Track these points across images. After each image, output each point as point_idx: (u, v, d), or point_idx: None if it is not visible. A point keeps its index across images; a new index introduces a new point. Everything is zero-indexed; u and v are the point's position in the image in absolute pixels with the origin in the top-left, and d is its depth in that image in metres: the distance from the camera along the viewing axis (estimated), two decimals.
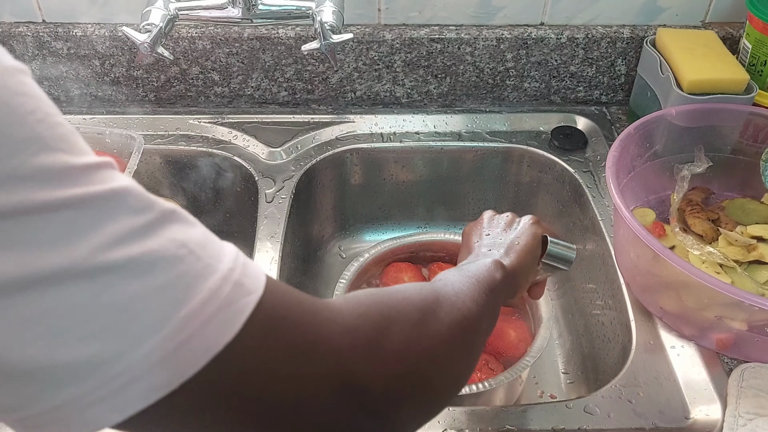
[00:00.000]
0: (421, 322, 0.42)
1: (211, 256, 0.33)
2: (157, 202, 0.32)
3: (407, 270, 0.86)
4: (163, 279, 0.30)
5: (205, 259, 0.32)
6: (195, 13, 0.82)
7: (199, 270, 0.32)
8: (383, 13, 0.95)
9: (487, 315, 0.50)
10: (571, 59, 0.98)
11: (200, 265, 0.32)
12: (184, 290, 0.31)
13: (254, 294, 0.33)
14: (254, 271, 0.35)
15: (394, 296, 0.43)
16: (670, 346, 0.71)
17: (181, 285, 0.31)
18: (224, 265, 0.33)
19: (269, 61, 0.97)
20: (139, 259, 0.30)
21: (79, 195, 0.29)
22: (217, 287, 0.32)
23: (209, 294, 0.31)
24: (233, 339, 0.32)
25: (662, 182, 0.84)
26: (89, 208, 0.29)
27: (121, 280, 0.29)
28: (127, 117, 0.99)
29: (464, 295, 0.47)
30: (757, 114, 0.83)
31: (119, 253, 0.29)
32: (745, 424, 0.62)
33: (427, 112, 1.01)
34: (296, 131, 0.98)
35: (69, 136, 0.30)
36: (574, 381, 0.85)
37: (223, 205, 0.99)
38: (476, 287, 0.50)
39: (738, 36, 0.95)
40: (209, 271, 0.32)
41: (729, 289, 0.61)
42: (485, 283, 0.52)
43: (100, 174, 0.30)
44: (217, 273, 0.32)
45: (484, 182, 1.00)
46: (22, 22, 0.96)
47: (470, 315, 0.46)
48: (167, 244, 0.31)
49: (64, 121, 0.31)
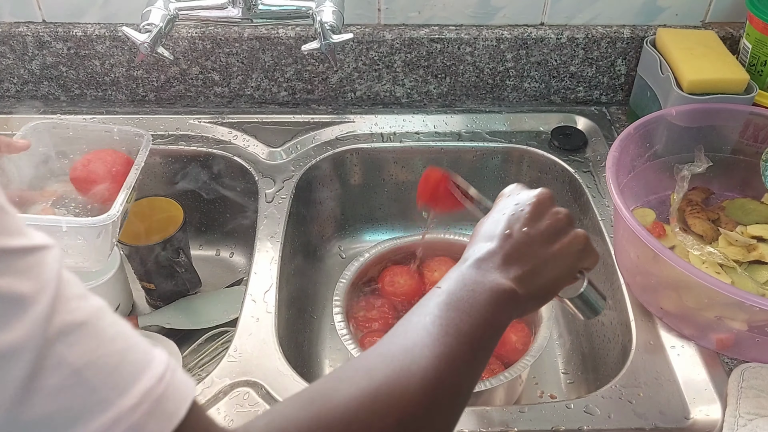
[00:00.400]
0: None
1: (114, 386, 0.28)
2: (64, 311, 0.27)
3: (404, 273, 0.85)
4: (36, 413, 0.26)
5: (101, 392, 0.27)
6: (195, 13, 0.82)
7: (88, 406, 0.27)
8: (383, 13, 0.95)
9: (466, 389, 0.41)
10: (571, 59, 0.98)
11: (92, 400, 0.27)
12: (60, 429, 0.26)
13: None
14: (171, 406, 0.29)
15: (328, 420, 0.35)
16: (670, 346, 0.71)
17: (57, 425, 0.26)
18: (127, 400, 0.28)
19: (269, 61, 0.97)
20: (15, 384, 0.26)
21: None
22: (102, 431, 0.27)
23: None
24: None
25: (662, 182, 0.84)
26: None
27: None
28: (127, 117, 0.99)
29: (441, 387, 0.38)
30: (757, 114, 0.82)
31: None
32: (745, 424, 0.62)
33: (427, 112, 1.01)
34: (296, 131, 0.98)
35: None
36: (574, 381, 0.85)
37: (223, 205, 0.99)
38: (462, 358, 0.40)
39: (738, 36, 0.95)
40: (101, 408, 0.27)
41: (729, 289, 0.61)
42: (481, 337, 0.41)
43: (19, 262, 0.27)
44: (110, 410, 0.27)
45: (484, 182, 1.00)
46: (22, 22, 0.96)
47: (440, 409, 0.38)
48: (55, 369, 0.26)
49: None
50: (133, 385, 0.28)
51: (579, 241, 0.49)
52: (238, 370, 0.68)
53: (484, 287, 0.43)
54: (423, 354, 0.39)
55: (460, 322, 0.41)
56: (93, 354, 0.28)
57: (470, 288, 0.43)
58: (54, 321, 0.27)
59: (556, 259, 0.47)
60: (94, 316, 0.29)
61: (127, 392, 0.28)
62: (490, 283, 0.44)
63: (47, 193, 0.81)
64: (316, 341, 0.90)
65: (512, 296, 0.44)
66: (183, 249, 0.86)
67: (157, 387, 0.29)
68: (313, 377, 0.84)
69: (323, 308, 0.94)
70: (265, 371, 0.68)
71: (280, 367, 0.69)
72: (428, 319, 0.41)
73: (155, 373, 0.29)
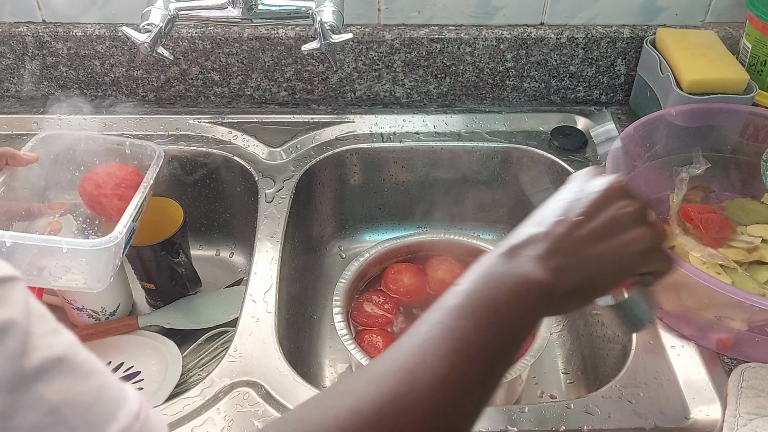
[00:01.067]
0: None
1: (90, 425, 0.27)
2: (43, 345, 0.27)
3: (407, 271, 0.85)
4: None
5: (79, 430, 0.27)
6: (195, 13, 0.82)
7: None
8: (383, 13, 0.95)
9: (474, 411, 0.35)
10: (571, 59, 0.98)
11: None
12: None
13: None
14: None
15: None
16: (670, 346, 0.71)
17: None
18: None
19: (269, 61, 0.97)
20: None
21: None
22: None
23: None
24: None
25: (662, 182, 0.84)
26: None
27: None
28: (128, 117, 0.99)
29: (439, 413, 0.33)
30: (757, 114, 0.82)
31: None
32: (745, 424, 0.62)
33: (427, 112, 1.01)
34: (296, 131, 0.98)
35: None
36: (574, 381, 0.85)
37: (223, 205, 0.99)
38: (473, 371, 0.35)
39: (738, 36, 0.95)
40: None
41: (729, 289, 0.61)
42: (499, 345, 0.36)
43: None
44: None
45: (484, 182, 1.00)
46: (22, 22, 0.96)
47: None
48: (33, 407, 0.26)
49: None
50: (110, 424, 0.28)
51: (645, 239, 0.41)
52: (238, 370, 0.68)
53: (511, 282, 0.38)
54: (424, 379, 0.33)
55: (475, 335, 0.36)
56: (70, 391, 0.27)
57: (494, 286, 0.38)
58: (31, 357, 0.26)
59: (609, 255, 0.39)
60: (71, 351, 0.28)
61: (104, 429, 0.28)
62: (521, 275, 0.38)
63: (55, 206, 0.81)
64: (316, 341, 0.90)
65: (547, 291, 0.38)
66: (183, 249, 0.86)
67: (133, 425, 0.29)
68: (313, 377, 0.84)
69: (323, 308, 0.94)
70: (265, 371, 0.68)
71: (280, 367, 0.69)
72: (437, 331, 0.36)
73: (130, 411, 0.29)
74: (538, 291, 0.37)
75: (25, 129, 0.97)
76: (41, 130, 0.83)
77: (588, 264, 0.39)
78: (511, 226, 1.05)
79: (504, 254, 0.39)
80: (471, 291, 0.38)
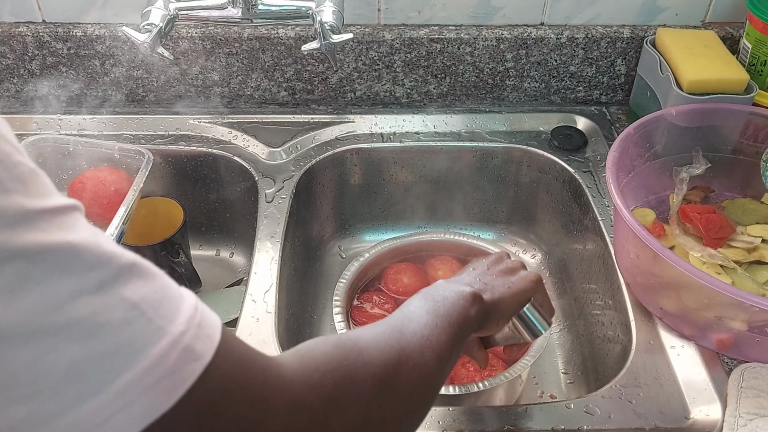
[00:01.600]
0: (377, 394, 0.40)
1: (164, 316, 0.32)
2: (115, 255, 0.31)
3: (406, 271, 0.86)
4: (107, 344, 0.29)
5: (156, 321, 0.31)
6: (195, 13, 0.82)
7: (148, 334, 0.31)
8: (383, 13, 0.95)
9: (450, 364, 0.48)
10: (571, 59, 0.98)
11: (150, 329, 0.31)
12: (127, 357, 0.30)
13: (202, 360, 0.32)
14: (209, 330, 0.34)
15: (353, 361, 0.40)
16: (670, 346, 0.71)
17: (126, 351, 0.30)
18: (176, 326, 0.32)
19: (269, 61, 0.97)
20: (85, 321, 0.29)
21: (32, 245, 0.28)
22: (164, 354, 0.31)
23: (154, 361, 0.30)
24: (171, 409, 0.31)
25: (662, 182, 0.84)
26: (41, 261, 0.28)
27: (63, 343, 0.28)
28: (128, 117, 0.99)
29: (430, 351, 0.45)
30: (757, 114, 0.82)
31: (64, 315, 0.28)
32: (745, 424, 0.62)
33: (427, 112, 1.01)
34: (296, 131, 0.98)
35: (28, 176, 0.29)
36: (574, 381, 0.85)
37: (223, 205, 0.99)
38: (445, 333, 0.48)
39: (738, 36, 0.95)
40: (159, 335, 0.31)
41: (729, 289, 0.61)
42: (456, 323, 0.49)
43: (58, 220, 0.29)
44: (166, 336, 0.31)
45: (484, 182, 1.00)
46: (22, 22, 0.96)
47: (432, 377, 0.45)
48: (117, 305, 0.30)
49: (26, 160, 0.29)
50: (178, 314, 0.32)
51: (531, 276, 0.60)
52: None
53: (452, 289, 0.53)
54: (423, 334, 0.46)
55: (443, 315, 0.49)
56: (143, 290, 0.31)
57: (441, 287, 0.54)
58: (111, 264, 0.30)
59: (513, 284, 0.58)
60: (137, 258, 0.33)
61: (175, 320, 0.32)
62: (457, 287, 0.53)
63: None
64: None
65: (477, 297, 0.53)
66: (183, 249, 0.86)
67: (195, 315, 0.33)
68: None
69: (323, 308, 0.94)
70: None
71: None
72: (417, 309, 0.50)
73: (190, 304, 0.34)
74: (472, 297, 0.53)
75: (25, 129, 0.97)
76: (34, 134, 0.83)
77: (500, 289, 0.57)
78: (511, 226, 1.06)
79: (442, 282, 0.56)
80: (426, 291, 0.53)
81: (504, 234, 1.04)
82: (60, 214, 0.30)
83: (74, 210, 0.31)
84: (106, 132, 0.97)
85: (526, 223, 1.02)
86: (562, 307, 0.94)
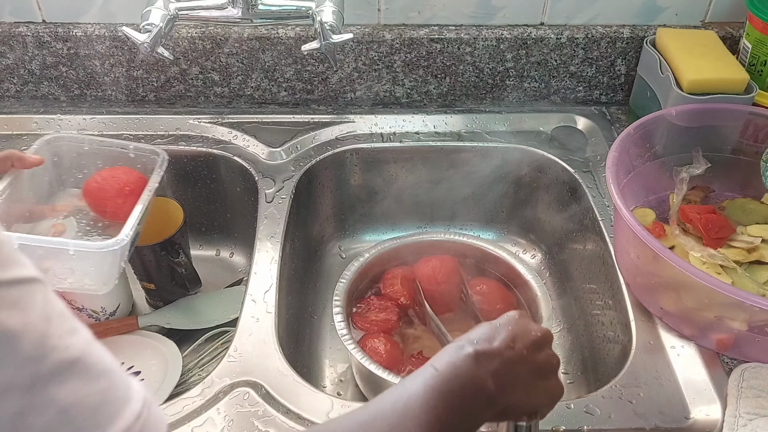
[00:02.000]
0: None
1: (95, 425, 0.29)
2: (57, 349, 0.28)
3: (405, 274, 0.85)
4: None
5: (85, 430, 0.29)
6: (195, 13, 0.82)
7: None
8: (383, 13, 0.95)
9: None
10: (571, 59, 0.98)
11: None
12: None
13: None
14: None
15: None
16: (670, 346, 0.71)
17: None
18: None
19: (269, 61, 0.97)
20: (7, 421, 0.27)
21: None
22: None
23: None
24: None
25: (662, 182, 0.84)
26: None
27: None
28: (127, 117, 0.99)
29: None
30: (757, 114, 0.82)
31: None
32: (745, 424, 0.62)
33: (427, 112, 1.01)
34: (296, 131, 0.98)
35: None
36: (574, 381, 0.85)
37: (223, 205, 0.99)
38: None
39: (738, 36, 0.95)
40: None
41: (729, 289, 0.61)
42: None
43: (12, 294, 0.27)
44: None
45: (484, 182, 1.00)
46: (22, 22, 0.96)
47: None
48: (45, 408, 0.28)
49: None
50: (114, 424, 0.29)
51: (557, 391, 0.52)
52: (238, 370, 0.68)
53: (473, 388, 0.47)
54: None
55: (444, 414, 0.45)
56: (80, 393, 0.29)
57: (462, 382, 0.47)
58: (48, 360, 0.28)
59: (537, 392, 0.50)
60: (86, 352, 0.30)
61: (107, 429, 0.29)
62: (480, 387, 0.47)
63: (59, 207, 0.81)
64: (316, 341, 0.90)
65: (492, 401, 0.47)
66: (183, 249, 0.86)
67: (134, 425, 0.30)
68: (313, 377, 0.84)
69: (323, 308, 0.94)
70: (265, 371, 0.68)
71: (280, 367, 0.69)
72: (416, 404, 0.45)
73: (133, 411, 0.31)
74: (488, 400, 0.47)
75: (25, 129, 0.97)
76: (48, 133, 0.83)
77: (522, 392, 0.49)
78: (511, 226, 1.06)
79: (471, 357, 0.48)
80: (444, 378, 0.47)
81: (504, 234, 1.04)
82: (16, 287, 0.28)
83: (33, 283, 0.28)
84: (106, 132, 0.97)
85: (526, 223, 1.02)
86: (562, 307, 0.93)
